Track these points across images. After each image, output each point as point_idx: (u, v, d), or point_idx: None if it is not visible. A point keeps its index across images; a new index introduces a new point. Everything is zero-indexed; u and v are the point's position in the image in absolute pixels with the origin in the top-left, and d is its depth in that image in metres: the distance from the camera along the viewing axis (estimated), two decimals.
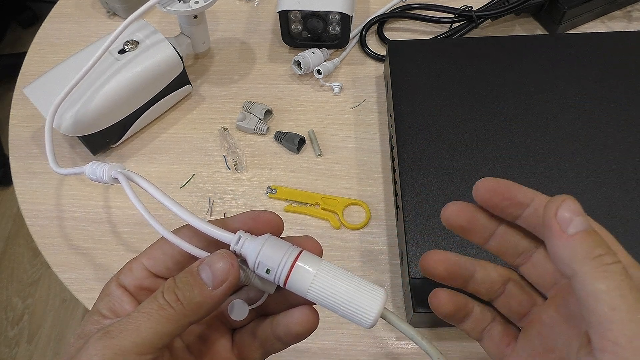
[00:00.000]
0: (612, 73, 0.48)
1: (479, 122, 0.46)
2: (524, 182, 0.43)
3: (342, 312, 0.24)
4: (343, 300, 0.24)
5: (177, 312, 0.23)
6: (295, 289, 0.25)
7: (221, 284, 0.23)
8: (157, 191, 0.27)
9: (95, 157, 0.52)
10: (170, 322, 0.22)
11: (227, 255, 0.24)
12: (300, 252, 0.25)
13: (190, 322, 0.23)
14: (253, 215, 0.26)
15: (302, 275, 0.24)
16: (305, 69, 0.55)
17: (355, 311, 0.24)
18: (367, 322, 0.24)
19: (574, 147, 0.45)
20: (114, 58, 0.49)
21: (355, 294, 0.24)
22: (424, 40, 0.53)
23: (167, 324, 0.22)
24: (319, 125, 0.53)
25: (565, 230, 0.22)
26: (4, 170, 1.39)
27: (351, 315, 0.24)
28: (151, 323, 0.22)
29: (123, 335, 0.22)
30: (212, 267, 0.23)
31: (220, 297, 0.23)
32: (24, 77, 0.59)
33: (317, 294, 0.24)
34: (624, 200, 0.42)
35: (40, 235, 0.49)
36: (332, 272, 0.24)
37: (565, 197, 0.23)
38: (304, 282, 0.24)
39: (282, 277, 0.24)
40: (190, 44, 0.54)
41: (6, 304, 1.23)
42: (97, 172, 0.31)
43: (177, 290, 0.23)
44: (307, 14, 0.54)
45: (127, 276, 0.26)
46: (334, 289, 0.24)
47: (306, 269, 0.24)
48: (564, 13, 0.55)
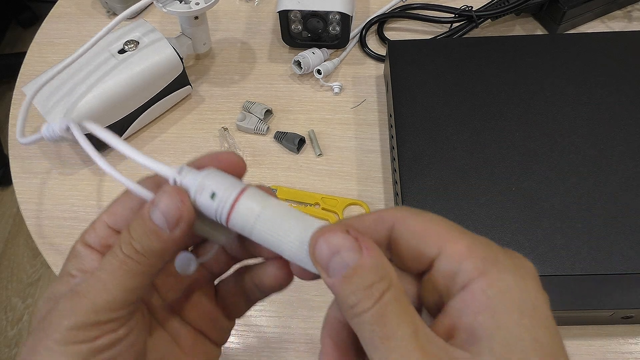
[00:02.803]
0: (612, 73, 0.48)
1: (479, 122, 0.46)
2: (524, 181, 0.43)
3: (286, 251, 0.21)
4: (289, 240, 0.21)
5: (140, 264, 0.21)
6: (239, 226, 0.22)
7: (177, 223, 0.21)
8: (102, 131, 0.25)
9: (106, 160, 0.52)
10: (136, 275, 0.21)
11: (175, 191, 0.21)
12: (248, 186, 0.22)
13: (158, 270, 0.22)
14: (212, 156, 0.24)
15: (248, 210, 0.21)
16: (305, 69, 0.55)
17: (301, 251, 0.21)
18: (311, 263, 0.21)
19: (574, 147, 0.45)
20: (114, 58, 0.49)
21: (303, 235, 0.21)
22: (424, 40, 0.53)
23: (133, 278, 0.21)
24: (319, 125, 0.53)
25: (328, 275, 0.19)
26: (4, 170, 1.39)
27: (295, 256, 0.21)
28: (117, 280, 0.21)
29: (92, 294, 0.21)
30: (162, 209, 0.21)
31: (180, 237, 0.22)
32: (24, 77, 0.59)
33: (260, 233, 0.21)
34: (625, 200, 0.42)
35: (40, 236, 0.49)
36: (281, 210, 0.22)
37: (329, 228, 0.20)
38: (249, 219, 0.21)
39: (226, 207, 0.21)
40: (191, 44, 0.54)
41: (6, 304, 1.23)
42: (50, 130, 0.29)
43: (133, 242, 0.22)
44: (307, 13, 0.54)
45: (91, 235, 0.24)
46: (279, 227, 0.21)
47: (252, 203, 0.21)
48: (564, 13, 0.55)
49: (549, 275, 0.39)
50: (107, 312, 0.21)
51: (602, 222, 0.41)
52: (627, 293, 0.38)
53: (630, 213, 0.41)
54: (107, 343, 0.21)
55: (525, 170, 0.43)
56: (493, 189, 0.43)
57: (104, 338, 0.21)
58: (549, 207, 0.42)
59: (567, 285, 0.39)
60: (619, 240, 0.40)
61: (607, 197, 0.42)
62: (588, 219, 0.41)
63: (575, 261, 0.40)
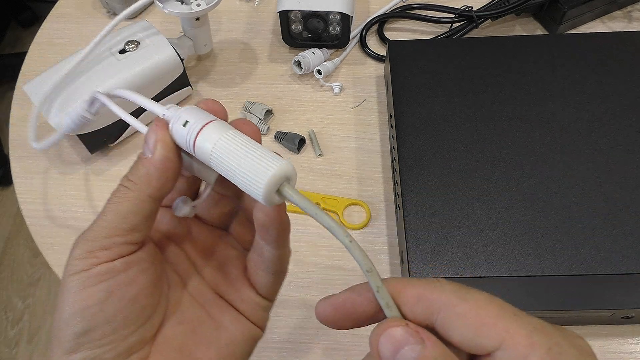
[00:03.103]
0: (612, 73, 0.48)
1: (479, 122, 0.46)
2: (524, 181, 0.43)
3: (238, 181, 0.22)
4: (238, 168, 0.22)
5: (130, 188, 0.24)
6: (201, 153, 0.23)
7: (155, 146, 0.24)
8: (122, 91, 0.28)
9: (92, 156, 0.52)
10: (127, 200, 0.23)
11: (154, 123, 0.24)
12: (216, 119, 0.24)
13: (149, 196, 0.24)
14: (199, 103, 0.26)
15: (209, 136, 0.23)
16: (305, 69, 0.55)
17: (249, 181, 0.22)
18: (259, 193, 0.21)
19: (574, 147, 0.45)
20: (114, 58, 0.49)
21: (252, 162, 0.22)
22: (425, 41, 0.53)
23: (124, 203, 0.23)
24: (319, 125, 0.53)
25: None
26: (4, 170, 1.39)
27: (246, 185, 0.22)
28: (112, 206, 0.23)
29: (92, 226, 0.23)
30: (145, 138, 0.24)
31: (161, 160, 0.24)
32: (24, 77, 0.59)
33: (218, 159, 0.23)
34: (625, 200, 0.42)
35: (40, 235, 0.49)
36: (238, 140, 0.23)
37: (389, 323, 0.20)
38: (208, 144, 0.23)
39: (192, 134, 0.23)
40: (192, 45, 0.54)
41: (6, 304, 1.23)
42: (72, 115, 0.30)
43: (128, 173, 0.24)
44: (308, 14, 0.54)
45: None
46: (233, 155, 0.22)
47: (214, 131, 0.23)
48: (564, 13, 0.55)
49: (549, 275, 0.39)
50: (102, 238, 0.23)
51: (602, 222, 0.41)
52: (627, 293, 0.38)
53: (630, 213, 0.41)
54: (103, 271, 0.22)
55: (525, 170, 0.43)
56: (493, 189, 0.43)
57: (100, 266, 0.22)
58: (549, 207, 0.42)
59: (567, 285, 0.39)
60: (619, 240, 0.40)
61: (607, 197, 0.42)
62: (588, 219, 0.41)
63: (575, 261, 0.40)
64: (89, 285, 0.22)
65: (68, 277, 0.23)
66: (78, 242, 0.23)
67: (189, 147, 0.23)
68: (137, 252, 0.24)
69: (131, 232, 0.23)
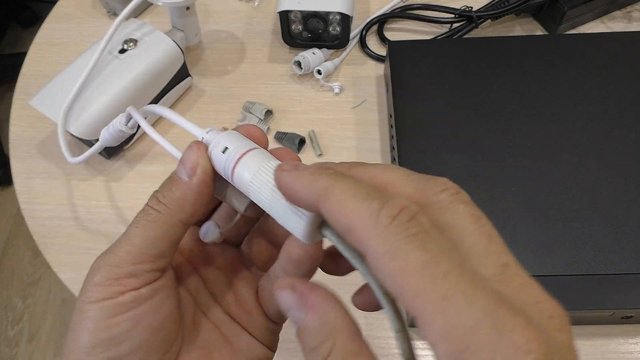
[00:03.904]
0: (612, 73, 0.48)
1: (479, 122, 0.46)
2: (524, 182, 0.43)
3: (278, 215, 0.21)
4: (282, 202, 0.21)
5: (161, 212, 0.22)
6: (239, 182, 0.22)
7: (194, 170, 0.22)
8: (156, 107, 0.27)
9: (109, 161, 0.52)
10: (157, 224, 0.22)
11: (193, 145, 0.23)
12: (258, 147, 0.23)
13: (180, 221, 0.22)
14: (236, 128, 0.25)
15: (249, 166, 0.22)
16: (305, 69, 0.55)
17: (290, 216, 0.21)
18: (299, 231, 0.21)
19: (574, 147, 0.45)
20: (116, 59, 0.49)
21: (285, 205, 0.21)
22: (424, 41, 0.53)
23: (154, 227, 0.22)
24: (319, 126, 0.53)
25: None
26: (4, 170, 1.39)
27: (286, 221, 0.21)
28: (140, 230, 0.22)
29: (116, 248, 0.22)
30: (182, 159, 0.23)
31: (198, 184, 0.22)
32: (24, 77, 0.59)
33: (257, 190, 0.21)
34: (625, 200, 0.42)
35: (40, 235, 0.49)
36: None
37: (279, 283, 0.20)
38: (248, 174, 0.22)
39: (232, 163, 0.22)
40: (183, 36, 0.54)
41: (6, 303, 1.23)
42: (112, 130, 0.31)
43: (157, 193, 0.23)
44: (308, 14, 0.54)
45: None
46: (274, 187, 0.21)
47: (254, 161, 0.22)
48: (564, 13, 0.55)
49: (549, 275, 0.39)
50: (128, 264, 0.21)
51: (602, 222, 0.41)
52: (627, 293, 0.38)
53: (631, 213, 0.41)
54: (129, 300, 0.21)
55: (525, 170, 0.44)
56: (493, 189, 0.43)
57: (127, 295, 0.21)
58: (549, 207, 0.42)
59: (567, 285, 0.39)
60: (619, 240, 0.40)
61: (607, 197, 0.42)
62: (588, 219, 0.41)
63: (575, 261, 0.40)
64: (115, 315, 0.21)
65: (88, 304, 0.21)
66: (99, 267, 0.22)
67: (227, 174, 0.23)
68: (162, 277, 0.23)
69: (159, 259, 0.22)
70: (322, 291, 0.19)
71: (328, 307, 0.19)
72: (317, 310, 0.19)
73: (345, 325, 0.19)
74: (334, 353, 0.18)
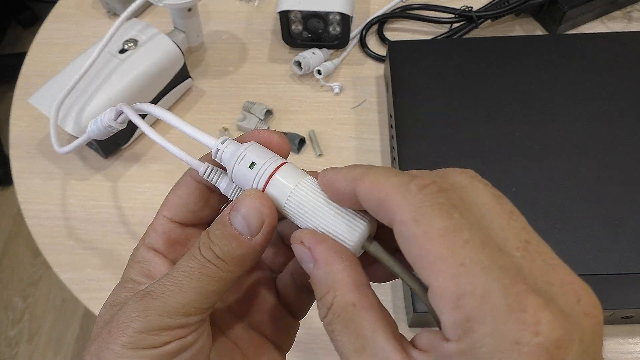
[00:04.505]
0: (612, 73, 0.48)
1: (479, 122, 0.46)
2: (524, 182, 0.43)
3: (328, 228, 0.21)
4: (320, 222, 0.21)
5: (220, 268, 0.21)
6: (273, 198, 0.21)
7: (258, 230, 0.21)
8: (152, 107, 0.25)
9: (92, 156, 0.52)
10: (214, 280, 0.21)
11: (256, 196, 0.21)
12: (287, 161, 0.22)
13: (237, 277, 0.21)
14: (253, 134, 0.23)
15: (283, 184, 0.21)
16: (305, 69, 0.55)
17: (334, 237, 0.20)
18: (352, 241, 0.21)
19: (574, 147, 0.45)
20: (116, 58, 0.49)
21: (338, 218, 0.21)
22: (424, 41, 0.53)
23: (212, 283, 0.21)
24: (319, 126, 0.53)
25: None
26: (4, 170, 1.39)
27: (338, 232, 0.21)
28: (194, 282, 0.20)
29: (166, 295, 0.20)
30: (243, 213, 0.21)
31: (262, 243, 0.21)
32: (24, 77, 0.59)
33: (295, 209, 0.21)
34: (625, 200, 0.42)
35: (40, 235, 0.49)
36: (317, 189, 0.21)
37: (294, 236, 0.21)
38: (283, 195, 0.21)
39: (263, 180, 0.21)
40: (185, 38, 0.54)
41: (6, 303, 1.23)
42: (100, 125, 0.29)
43: (213, 246, 0.21)
44: (308, 14, 0.54)
45: (153, 236, 0.24)
46: (312, 206, 0.21)
47: (288, 178, 0.21)
48: (564, 13, 0.55)
49: None
50: (179, 316, 0.20)
51: (602, 222, 0.41)
52: (627, 293, 0.38)
53: (631, 213, 0.41)
54: (177, 349, 0.20)
55: (525, 170, 0.44)
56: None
57: (173, 344, 0.20)
58: (549, 207, 0.42)
59: None
60: (619, 240, 0.40)
61: (607, 197, 0.42)
62: (588, 219, 0.41)
63: (576, 261, 0.40)
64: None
65: (128, 350, 0.20)
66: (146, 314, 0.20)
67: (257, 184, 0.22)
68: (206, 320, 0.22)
69: (208, 310, 0.21)
70: (327, 244, 0.20)
71: (331, 259, 0.19)
72: (321, 262, 0.19)
73: (347, 276, 0.19)
74: (335, 303, 0.19)
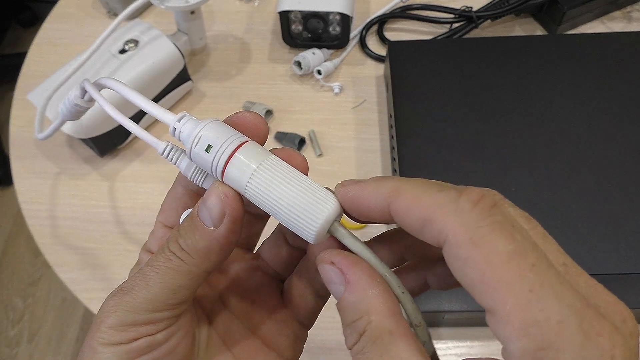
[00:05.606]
0: (612, 73, 0.48)
1: (479, 122, 0.46)
2: (524, 182, 0.43)
3: (283, 218, 0.20)
4: (284, 204, 0.19)
5: (185, 262, 0.20)
6: (233, 184, 0.20)
7: (221, 219, 0.20)
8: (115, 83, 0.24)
9: (91, 155, 0.52)
10: (179, 274, 0.20)
11: (219, 186, 0.20)
12: (247, 140, 0.20)
13: (205, 271, 0.21)
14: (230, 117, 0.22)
15: (243, 165, 0.20)
16: (305, 69, 0.55)
17: (297, 219, 0.19)
18: (309, 234, 0.19)
19: (573, 147, 0.45)
20: (116, 58, 0.49)
21: (301, 198, 0.19)
22: (424, 41, 0.53)
23: (177, 277, 0.20)
24: (319, 126, 0.53)
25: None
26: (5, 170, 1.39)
27: (292, 223, 0.20)
28: (160, 277, 0.20)
29: (135, 291, 0.20)
30: (207, 204, 0.20)
31: (225, 235, 0.20)
32: (24, 77, 0.59)
33: (256, 192, 0.20)
34: (625, 201, 0.42)
35: (40, 235, 0.49)
36: (281, 170, 0.20)
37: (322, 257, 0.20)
38: (244, 177, 0.20)
39: (221, 162, 0.20)
40: (188, 40, 0.54)
41: (7, 303, 1.23)
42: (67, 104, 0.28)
43: (179, 238, 0.21)
44: (308, 14, 0.54)
45: (152, 241, 0.24)
46: (275, 188, 0.19)
47: (249, 158, 0.20)
48: (564, 13, 0.55)
49: None
50: (146, 311, 0.20)
51: (602, 222, 0.41)
52: (627, 293, 0.38)
53: (631, 213, 0.41)
54: (144, 346, 0.20)
55: (525, 170, 0.44)
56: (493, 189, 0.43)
57: (141, 340, 0.20)
58: (549, 207, 0.42)
59: None
60: (619, 240, 0.40)
61: (607, 197, 0.42)
62: (588, 219, 0.41)
63: (576, 261, 0.39)
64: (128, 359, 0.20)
65: (101, 346, 0.20)
66: (115, 309, 0.20)
67: (216, 175, 0.20)
68: (179, 320, 0.21)
69: (178, 306, 0.21)
70: (362, 266, 0.19)
71: (366, 283, 0.19)
72: (355, 285, 0.19)
73: (382, 302, 0.18)
74: (369, 330, 0.18)
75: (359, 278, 0.19)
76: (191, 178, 0.22)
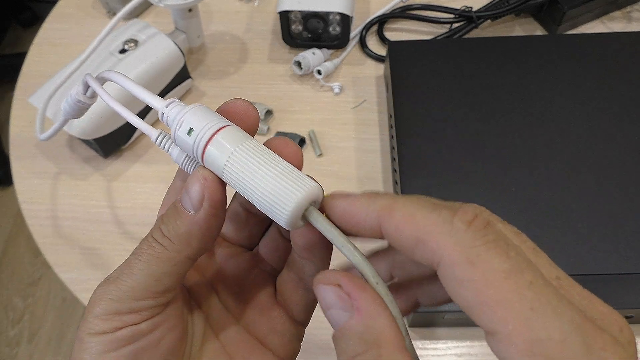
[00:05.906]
0: (612, 73, 0.48)
1: (479, 122, 0.46)
2: (524, 182, 0.43)
3: (257, 200, 0.19)
4: (258, 186, 0.19)
5: (166, 248, 0.20)
6: (212, 166, 0.20)
7: (200, 203, 0.20)
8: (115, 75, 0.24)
9: (92, 155, 0.52)
10: (162, 261, 0.20)
11: (199, 169, 0.20)
12: (229, 125, 0.20)
13: (187, 257, 0.20)
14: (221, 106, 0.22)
15: (220, 148, 0.19)
16: (305, 69, 0.55)
17: (271, 202, 0.19)
18: (282, 217, 0.19)
19: (574, 147, 0.45)
20: (116, 58, 0.49)
21: (275, 181, 0.19)
22: (424, 41, 0.53)
23: (160, 264, 0.20)
24: (319, 126, 0.53)
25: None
26: (5, 170, 1.39)
27: (266, 206, 0.19)
28: (143, 264, 0.20)
29: (120, 279, 0.20)
30: (187, 189, 0.20)
31: (205, 219, 0.20)
32: (24, 77, 0.59)
33: (233, 175, 0.19)
34: (625, 200, 0.42)
35: (40, 235, 0.49)
36: (257, 153, 0.19)
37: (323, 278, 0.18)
38: (221, 159, 0.19)
39: (201, 145, 0.20)
40: (186, 38, 0.54)
41: (7, 303, 1.23)
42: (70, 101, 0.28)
43: (162, 225, 0.20)
44: (308, 14, 0.54)
45: None
46: (251, 170, 0.19)
47: (227, 141, 0.20)
48: (564, 13, 0.55)
49: None
50: (129, 300, 0.20)
51: (602, 222, 0.41)
52: (627, 293, 0.38)
53: (631, 213, 0.41)
54: (127, 336, 0.20)
55: (525, 170, 0.44)
56: (493, 189, 0.43)
57: (124, 330, 0.20)
58: (549, 207, 0.42)
59: None
60: (619, 240, 0.40)
61: (607, 197, 0.42)
62: (588, 219, 0.41)
63: (575, 261, 0.40)
64: (112, 349, 0.20)
65: (87, 336, 0.20)
66: (101, 299, 0.20)
67: (197, 158, 0.20)
68: (165, 310, 0.21)
69: (163, 294, 0.20)
70: (371, 293, 0.18)
71: (376, 312, 0.17)
72: (364, 314, 0.17)
73: (393, 334, 0.17)
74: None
75: (369, 305, 0.17)
76: (183, 166, 0.22)
